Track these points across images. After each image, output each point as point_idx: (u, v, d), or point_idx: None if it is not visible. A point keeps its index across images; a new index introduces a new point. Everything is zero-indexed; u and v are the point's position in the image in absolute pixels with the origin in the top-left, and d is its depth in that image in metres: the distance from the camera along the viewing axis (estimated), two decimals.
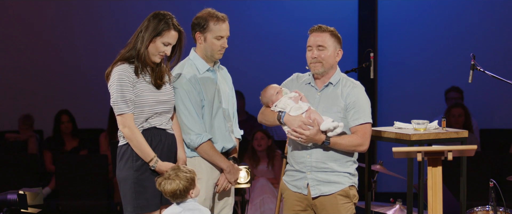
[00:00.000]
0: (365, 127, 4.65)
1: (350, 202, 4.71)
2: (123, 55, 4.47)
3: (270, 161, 8.15)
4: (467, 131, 5.05)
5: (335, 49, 4.69)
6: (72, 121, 8.90)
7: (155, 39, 4.41)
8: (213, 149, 4.70)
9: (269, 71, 9.74)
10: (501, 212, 5.54)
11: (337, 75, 4.74)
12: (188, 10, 9.75)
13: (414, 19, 9.87)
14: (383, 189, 9.18)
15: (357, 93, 4.67)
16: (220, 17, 4.71)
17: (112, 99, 4.40)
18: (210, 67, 4.77)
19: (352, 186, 4.73)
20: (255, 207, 7.88)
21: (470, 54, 5.30)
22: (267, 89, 4.82)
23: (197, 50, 4.79)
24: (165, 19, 4.44)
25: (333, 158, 4.68)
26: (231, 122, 4.90)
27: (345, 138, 4.64)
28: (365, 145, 4.66)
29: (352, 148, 4.65)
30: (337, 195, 4.68)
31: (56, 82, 10.19)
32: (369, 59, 5.75)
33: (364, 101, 4.68)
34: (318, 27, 4.72)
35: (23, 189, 5.10)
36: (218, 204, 4.88)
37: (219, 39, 4.71)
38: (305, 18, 9.76)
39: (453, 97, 9.14)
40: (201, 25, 4.71)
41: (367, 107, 4.68)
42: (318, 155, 4.69)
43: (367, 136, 4.65)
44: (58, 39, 10.20)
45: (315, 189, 4.70)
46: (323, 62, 4.68)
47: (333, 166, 4.68)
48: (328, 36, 4.69)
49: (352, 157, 4.73)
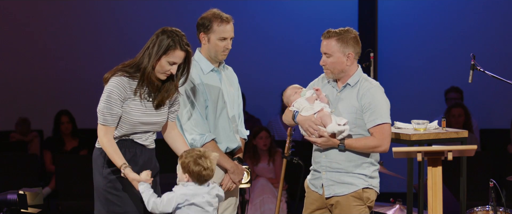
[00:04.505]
0: (381, 127, 4.56)
1: (363, 205, 4.65)
2: (126, 67, 4.31)
3: (270, 159, 8.17)
4: (467, 131, 5.05)
5: (342, 54, 4.61)
6: (72, 121, 8.90)
7: (161, 58, 4.24)
8: (216, 149, 4.68)
9: (269, 71, 9.75)
10: (501, 212, 5.54)
11: (356, 77, 4.66)
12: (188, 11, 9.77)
13: (414, 20, 9.87)
14: (383, 189, 9.13)
15: (372, 94, 4.60)
16: (224, 18, 4.69)
17: (99, 107, 4.31)
18: (214, 68, 4.77)
19: (368, 189, 4.66)
20: (255, 207, 7.88)
21: (470, 54, 5.30)
22: (287, 90, 4.81)
23: (201, 51, 4.79)
24: (173, 37, 4.26)
25: (348, 158, 4.62)
26: (236, 122, 4.90)
27: (360, 141, 4.59)
28: (383, 145, 4.57)
29: (369, 150, 4.59)
30: (350, 196, 4.63)
31: (56, 83, 10.19)
32: (369, 59, 5.75)
33: (381, 101, 4.60)
34: (326, 32, 4.67)
35: (23, 189, 5.11)
36: (222, 204, 4.88)
37: (223, 40, 4.69)
38: (305, 18, 9.78)
39: (452, 98, 9.14)
40: (205, 25, 4.70)
41: (385, 107, 4.60)
42: (333, 155, 4.65)
43: (384, 136, 4.56)
44: (58, 40, 10.19)
45: (329, 189, 4.67)
46: (331, 69, 4.65)
47: (348, 167, 4.63)
48: (333, 42, 4.62)
49: (368, 158, 4.65)
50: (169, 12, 9.79)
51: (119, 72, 4.28)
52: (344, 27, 4.67)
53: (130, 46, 10.03)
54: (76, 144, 8.86)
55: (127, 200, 4.30)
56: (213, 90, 4.74)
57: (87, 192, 8.01)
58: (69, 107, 9.07)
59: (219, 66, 4.82)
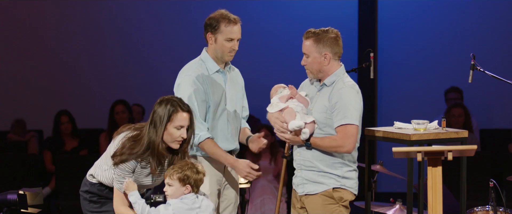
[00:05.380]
0: (345, 128, 4.56)
1: (335, 204, 4.67)
2: (135, 150, 4.25)
3: (272, 157, 8.17)
4: (467, 131, 5.04)
5: (319, 54, 4.65)
6: (72, 121, 8.90)
7: (167, 126, 4.22)
8: (214, 147, 4.68)
9: (268, 71, 9.75)
10: (501, 212, 5.54)
11: (334, 77, 4.69)
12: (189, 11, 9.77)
13: (414, 19, 9.87)
14: (383, 189, 9.17)
15: (342, 94, 4.60)
16: (231, 19, 4.72)
17: (115, 176, 4.35)
18: (220, 69, 4.79)
19: (340, 189, 4.68)
20: (255, 207, 7.88)
21: (470, 54, 5.30)
22: (271, 89, 4.87)
23: (208, 51, 4.80)
24: (171, 102, 4.24)
25: (319, 158, 4.68)
26: (237, 124, 4.90)
27: (325, 140, 4.62)
28: (345, 146, 4.57)
29: (332, 149, 4.62)
30: (320, 195, 4.68)
31: (56, 83, 10.19)
32: (369, 59, 5.75)
33: (349, 102, 4.59)
34: (305, 33, 4.73)
35: (23, 189, 5.11)
36: (222, 204, 4.89)
37: (230, 41, 4.73)
38: (305, 18, 9.77)
39: (452, 98, 9.14)
40: (213, 26, 4.71)
41: (352, 108, 4.58)
42: (305, 153, 4.72)
43: (347, 137, 4.55)
44: (58, 40, 10.19)
45: (302, 187, 4.75)
46: (310, 69, 4.71)
47: (319, 165, 4.68)
48: (310, 42, 4.67)
49: (340, 158, 4.67)
50: (169, 12, 9.79)
51: (130, 156, 4.26)
52: (325, 27, 4.71)
53: (130, 46, 10.06)
54: (76, 144, 8.86)
55: None
56: (216, 91, 4.75)
57: None
58: (69, 107, 9.07)
59: (225, 67, 4.83)
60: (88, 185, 4.55)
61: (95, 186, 4.52)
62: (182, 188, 4.20)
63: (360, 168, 4.91)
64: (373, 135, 5.06)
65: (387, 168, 6.15)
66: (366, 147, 5.10)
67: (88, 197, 4.53)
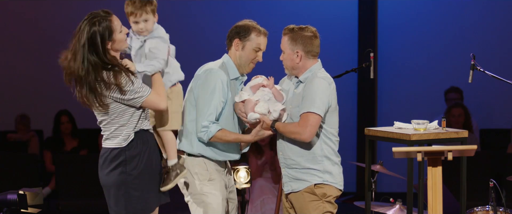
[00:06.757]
0: (306, 115, 4.58)
1: (319, 200, 4.68)
2: (115, 76, 4.47)
3: (275, 156, 8.17)
4: (467, 131, 5.04)
5: (292, 51, 4.71)
6: (72, 121, 8.90)
7: (114, 38, 4.54)
8: (228, 134, 4.69)
9: (267, 71, 9.74)
10: (501, 212, 5.54)
11: (307, 73, 4.73)
12: (189, 11, 9.76)
13: (414, 19, 9.87)
14: (383, 189, 9.17)
15: (310, 84, 4.65)
16: (261, 30, 4.85)
17: (138, 89, 4.36)
18: (239, 77, 4.83)
19: (323, 184, 4.69)
20: (255, 208, 7.87)
21: (470, 54, 5.30)
22: None
23: (231, 55, 4.83)
24: (95, 22, 4.60)
25: (299, 153, 4.70)
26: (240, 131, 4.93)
27: (287, 126, 4.67)
28: (303, 134, 4.58)
29: (291, 135, 4.64)
30: (304, 192, 4.69)
31: (56, 82, 10.16)
32: (369, 59, 5.75)
33: (315, 91, 4.61)
34: (284, 29, 4.79)
35: (23, 189, 5.11)
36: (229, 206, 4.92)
37: (257, 51, 4.82)
38: (305, 18, 9.72)
39: (452, 98, 9.15)
40: (242, 33, 4.79)
41: (316, 97, 4.60)
42: (286, 151, 4.74)
43: (306, 125, 4.56)
44: (58, 39, 10.15)
45: (287, 186, 4.77)
46: (284, 65, 4.79)
47: (301, 161, 4.70)
48: (285, 39, 4.75)
49: (320, 151, 4.69)
50: (169, 12, 9.79)
51: (118, 80, 4.47)
52: (304, 25, 4.76)
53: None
54: (76, 144, 8.86)
55: (148, 193, 4.32)
56: (232, 97, 4.78)
57: (87, 192, 8.03)
58: (69, 107, 9.07)
59: (242, 77, 4.88)
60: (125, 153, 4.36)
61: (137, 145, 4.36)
62: (155, 18, 4.41)
63: (360, 168, 4.91)
64: (373, 135, 5.06)
65: (387, 168, 6.15)
66: (366, 147, 5.10)
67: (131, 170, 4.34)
